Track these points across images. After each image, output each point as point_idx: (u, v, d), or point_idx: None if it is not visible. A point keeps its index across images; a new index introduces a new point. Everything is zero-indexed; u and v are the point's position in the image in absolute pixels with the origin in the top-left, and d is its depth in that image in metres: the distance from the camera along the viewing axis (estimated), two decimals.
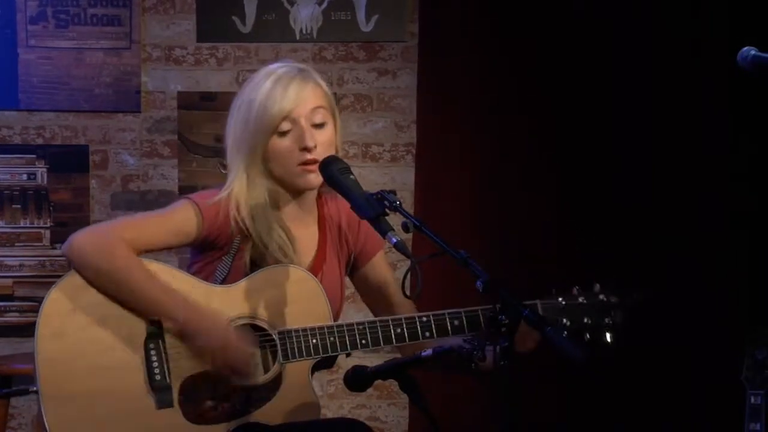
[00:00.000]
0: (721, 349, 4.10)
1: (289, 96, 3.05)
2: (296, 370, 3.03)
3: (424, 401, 2.83)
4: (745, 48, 2.72)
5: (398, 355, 3.10)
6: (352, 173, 2.94)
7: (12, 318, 5.10)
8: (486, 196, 5.00)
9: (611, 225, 4.81)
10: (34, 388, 2.95)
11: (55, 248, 5.11)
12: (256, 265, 3.06)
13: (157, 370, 2.96)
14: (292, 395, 3.03)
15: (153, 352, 2.96)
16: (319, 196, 3.21)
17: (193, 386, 2.99)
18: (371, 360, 3.04)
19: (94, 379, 2.94)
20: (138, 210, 5.07)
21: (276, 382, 3.02)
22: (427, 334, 3.07)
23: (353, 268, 3.28)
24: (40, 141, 5.15)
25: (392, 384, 2.92)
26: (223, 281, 3.06)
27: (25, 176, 5.14)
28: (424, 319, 3.06)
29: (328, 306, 3.08)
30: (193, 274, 3.10)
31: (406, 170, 5.20)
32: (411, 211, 4.77)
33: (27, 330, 4.77)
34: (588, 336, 3.10)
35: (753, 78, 2.78)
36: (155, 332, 2.98)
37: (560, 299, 3.13)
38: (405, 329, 3.07)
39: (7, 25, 5.09)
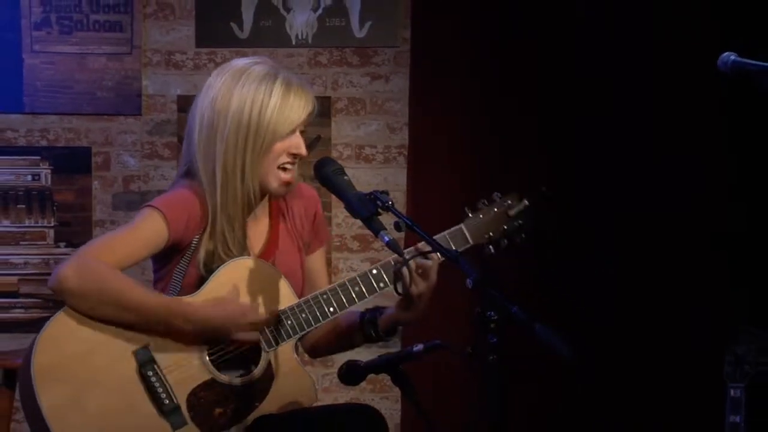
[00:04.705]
0: (704, 347, 4.05)
1: (307, 105, 3.05)
2: (283, 354, 3.05)
3: (415, 394, 2.89)
4: (725, 53, 2.74)
5: (390, 351, 3.15)
6: (345, 174, 2.96)
7: (17, 314, 5.10)
8: (476, 196, 4.88)
9: (603, 225, 4.84)
10: None
11: (58, 247, 5.11)
12: (207, 263, 3.04)
13: (163, 395, 2.94)
14: (288, 379, 3.06)
15: (153, 379, 2.93)
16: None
17: (198, 399, 2.99)
18: (364, 355, 3.12)
19: (105, 421, 2.91)
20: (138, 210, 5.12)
21: (269, 371, 3.04)
22: (381, 284, 3.07)
23: None
24: (44, 143, 5.16)
25: (385, 378, 2.94)
26: (181, 284, 3.04)
27: (29, 177, 5.14)
28: (374, 271, 3.05)
29: (289, 284, 3.09)
30: (156, 282, 3.10)
31: (399, 171, 5.24)
32: (403, 211, 4.82)
33: (31, 326, 4.88)
34: (505, 242, 3.15)
35: (732, 82, 2.80)
36: (147, 358, 2.95)
37: (479, 216, 3.15)
38: (362, 286, 3.06)
39: (12, 31, 5.08)
